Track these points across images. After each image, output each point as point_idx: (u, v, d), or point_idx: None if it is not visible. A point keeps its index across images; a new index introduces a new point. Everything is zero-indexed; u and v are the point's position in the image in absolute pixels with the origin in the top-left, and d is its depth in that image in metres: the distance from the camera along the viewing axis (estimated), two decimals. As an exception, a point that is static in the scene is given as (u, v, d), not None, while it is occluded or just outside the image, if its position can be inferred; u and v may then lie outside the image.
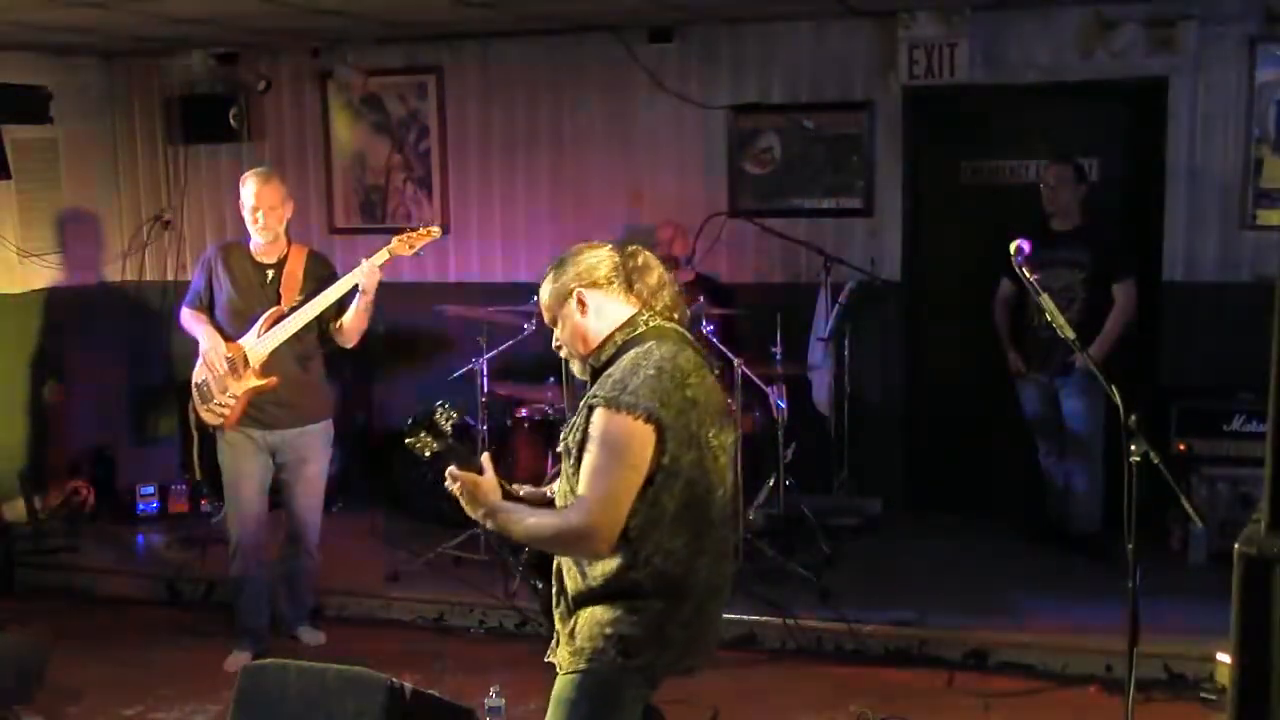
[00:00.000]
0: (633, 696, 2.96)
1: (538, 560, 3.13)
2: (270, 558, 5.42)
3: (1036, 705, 4.85)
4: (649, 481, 2.82)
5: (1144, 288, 5.97)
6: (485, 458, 3.06)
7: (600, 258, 3.00)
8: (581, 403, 2.93)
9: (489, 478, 3.01)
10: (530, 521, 2.93)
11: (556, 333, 3.07)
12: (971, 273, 6.37)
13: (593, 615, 2.91)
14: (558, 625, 3.05)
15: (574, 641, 2.95)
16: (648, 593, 2.87)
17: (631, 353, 2.90)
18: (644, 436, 2.80)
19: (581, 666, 2.92)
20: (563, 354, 3.10)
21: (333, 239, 7.37)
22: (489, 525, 3.01)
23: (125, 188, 7.90)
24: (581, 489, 2.82)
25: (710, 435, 2.93)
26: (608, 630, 2.88)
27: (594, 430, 2.82)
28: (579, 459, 2.86)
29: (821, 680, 5.07)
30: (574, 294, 2.97)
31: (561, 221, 7.07)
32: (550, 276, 3.04)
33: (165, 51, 7.41)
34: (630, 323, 2.97)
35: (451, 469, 3.00)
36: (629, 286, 2.99)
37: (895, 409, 6.78)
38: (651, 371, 2.83)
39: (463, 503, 3.00)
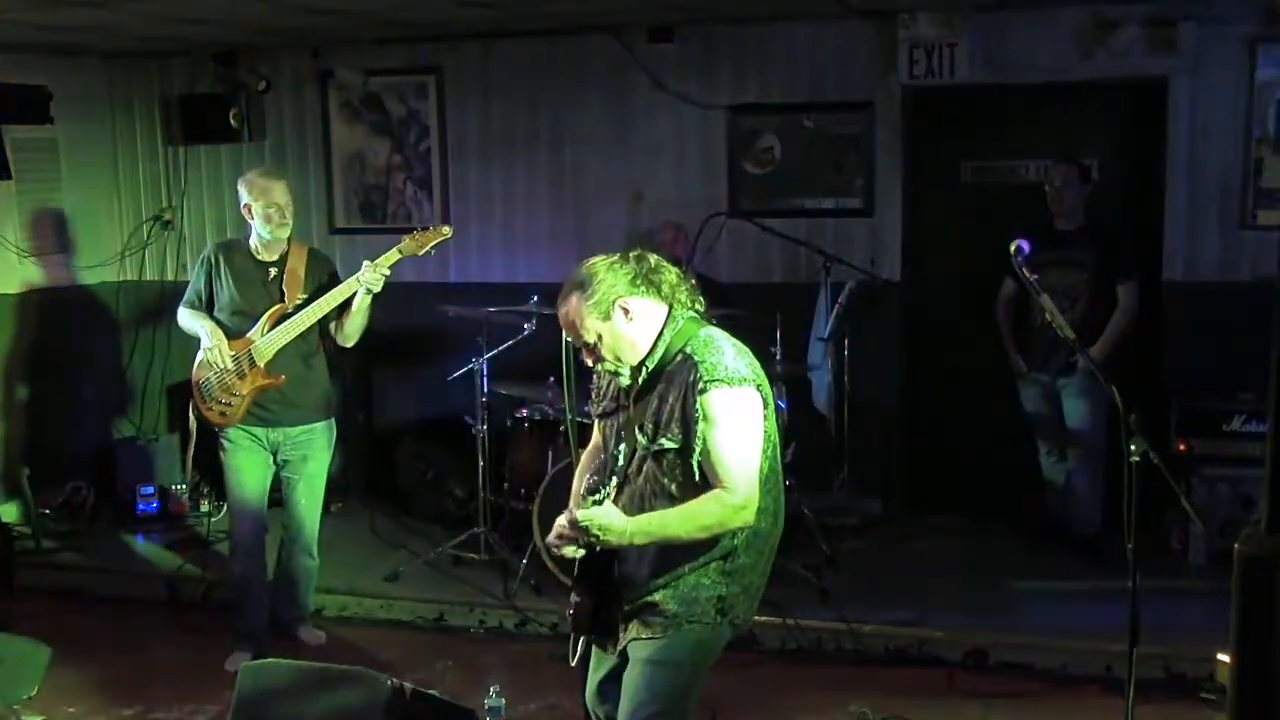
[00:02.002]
0: (720, 647, 3.19)
1: (585, 572, 3.14)
2: (270, 557, 5.41)
3: (1036, 705, 4.85)
4: None
5: (1144, 288, 5.97)
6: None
7: (621, 266, 3.09)
8: (659, 398, 3.02)
9: (608, 506, 2.99)
10: (676, 517, 2.99)
11: (594, 348, 3.09)
12: (971, 273, 6.37)
13: (685, 584, 3.06)
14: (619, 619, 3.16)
15: (665, 609, 3.06)
16: (739, 552, 3.08)
17: (692, 343, 3.04)
18: (757, 404, 3.03)
19: (681, 628, 3.07)
20: (603, 367, 3.14)
21: (333, 239, 7.37)
22: (636, 542, 2.99)
23: (125, 188, 7.90)
24: (724, 466, 2.95)
25: (772, 398, 3.13)
26: (707, 593, 3.08)
27: (714, 410, 2.95)
28: (686, 447, 2.98)
29: (821, 680, 5.07)
30: (616, 304, 3.04)
31: (561, 221, 7.07)
32: (578, 296, 3.06)
33: (165, 52, 7.41)
34: (671, 318, 3.10)
35: (573, 515, 2.97)
36: (655, 288, 3.09)
37: (895, 409, 6.77)
38: (732, 350, 3.03)
39: (603, 538, 2.95)
